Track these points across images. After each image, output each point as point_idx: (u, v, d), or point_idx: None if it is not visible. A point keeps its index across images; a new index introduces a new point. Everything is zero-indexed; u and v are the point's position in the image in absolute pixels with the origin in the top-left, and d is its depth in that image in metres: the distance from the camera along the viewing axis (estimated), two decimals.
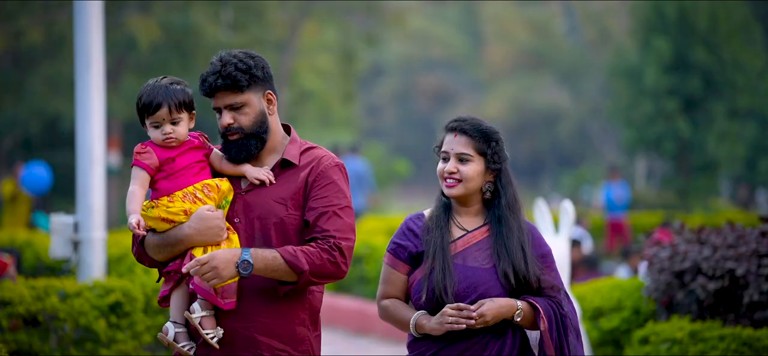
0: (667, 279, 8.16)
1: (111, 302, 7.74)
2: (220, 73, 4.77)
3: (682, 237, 8.46)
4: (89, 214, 8.40)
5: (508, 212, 4.98)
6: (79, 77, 8.44)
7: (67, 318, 7.53)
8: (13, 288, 7.58)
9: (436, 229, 4.97)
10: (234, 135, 4.79)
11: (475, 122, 5.01)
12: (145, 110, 4.77)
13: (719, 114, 30.05)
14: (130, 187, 4.73)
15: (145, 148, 4.76)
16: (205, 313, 4.69)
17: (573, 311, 5.01)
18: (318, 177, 4.84)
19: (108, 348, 7.63)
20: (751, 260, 7.72)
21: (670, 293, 8.17)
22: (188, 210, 4.70)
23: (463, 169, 4.95)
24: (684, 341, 7.54)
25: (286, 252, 4.69)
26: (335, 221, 4.78)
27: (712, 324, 7.58)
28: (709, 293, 7.82)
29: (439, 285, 4.85)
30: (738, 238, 8.05)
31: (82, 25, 8.43)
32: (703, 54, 29.80)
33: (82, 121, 8.43)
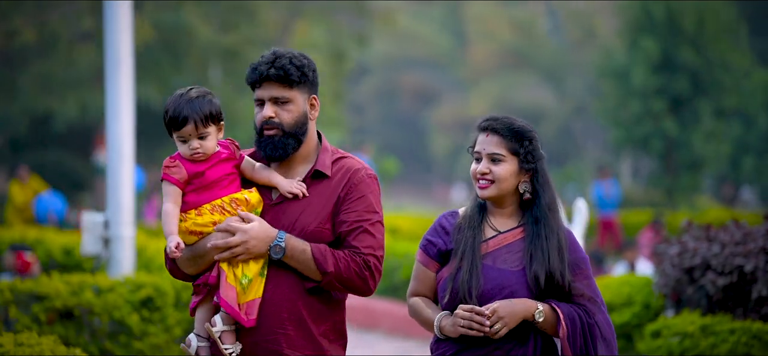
0: (677, 275, 8.45)
1: (143, 297, 8.00)
2: (273, 63, 4.70)
3: (690, 235, 8.76)
4: (119, 211, 8.66)
5: (548, 212, 4.83)
6: (109, 77, 8.66)
7: (102, 313, 7.77)
8: (48, 283, 7.82)
9: (467, 228, 4.86)
10: (272, 130, 4.72)
11: (508, 120, 4.88)
12: (171, 125, 4.66)
13: (706, 114, 30.46)
14: (164, 205, 4.66)
15: (173, 162, 4.66)
16: (226, 328, 4.62)
17: (607, 322, 4.84)
18: (350, 190, 4.76)
19: (141, 341, 7.88)
20: (759, 257, 8.01)
21: (680, 288, 8.47)
22: (217, 222, 4.64)
23: (495, 169, 4.83)
24: (695, 334, 7.80)
25: (317, 249, 4.65)
26: (366, 238, 4.72)
27: (723, 318, 7.85)
28: (718, 288, 8.11)
29: (464, 286, 4.75)
30: (745, 235, 8.35)
31: (112, 26, 8.65)
32: (690, 54, 30.19)
33: (112, 120, 8.66)
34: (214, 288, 4.65)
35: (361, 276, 4.69)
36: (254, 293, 4.62)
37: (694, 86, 30.52)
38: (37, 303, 7.67)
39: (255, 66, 4.75)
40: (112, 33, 8.69)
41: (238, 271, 4.61)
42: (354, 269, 4.67)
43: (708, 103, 30.63)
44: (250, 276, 4.62)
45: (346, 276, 4.67)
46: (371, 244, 4.72)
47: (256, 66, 4.74)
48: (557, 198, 4.94)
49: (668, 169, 30.98)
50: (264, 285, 4.66)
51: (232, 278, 4.60)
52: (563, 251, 4.81)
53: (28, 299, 7.67)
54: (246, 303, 4.60)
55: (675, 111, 30.48)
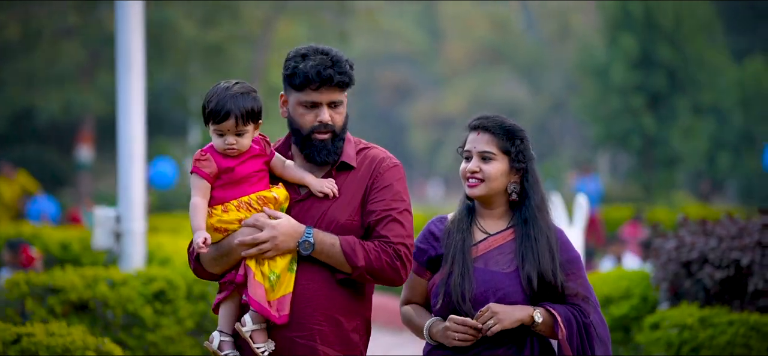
0: (675, 268, 8.68)
1: (155, 290, 8.16)
2: (334, 67, 4.62)
3: (686, 229, 9.00)
4: (130, 207, 8.83)
5: (538, 212, 4.79)
6: (121, 78, 8.82)
7: (116, 305, 7.93)
8: (63, 276, 7.98)
9: (457, 232, 4.82)
10: (325, 134, 4.66)
11: (499, 119, 4.84)
12: (210, 117, 4.58)
13: (683, 110, 30.83)
14: (193, 198, 4.58)
15: (204, 155, 4.60)
16: (256, 326, 4.55)
17: (601, 321, 4.80)
18: (377, 179, 4.72)
19: (154, 333, 8.05)
20: (755, 251, 8.24)
21: (678, 282, 8.70)
22: (243, 219, 4.58)
23: (485, 168, 4.78)
24: (694, 326, 8.02)
25: (346, 243, 4.59)
26: (394, 227, 4.66)
27: (720, 311, 8.07)
28: (715, 281, 8.34)
29: (457, 290, 4.70)
30: (741, 230, 8.59)
31: (124, 28, 8.80)
32: (668, 51, 30.55)
33: (123, 120, 8.82)
34: (240, 286, 4.59)
35: (393, 266, 4.63)
36: (284, 289, 4.56)
37: (671, 83, 30.88)
38: (53, 295, 7.82)
39: (316, 69, 4.60)
40: (124, 36, 8.83)
41: (266, 268, 4.54)
42: (385, 259, 4.61)
43: (685, 99, 30.99)
44: (278, 272, 4.55)
45: (377, 267, 4.61)
46: (401, 233, 4.66)
47: (319, 69, 4.60)
48: (547, 198, 4.89)
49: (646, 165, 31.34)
50: (295, 280, 4.60)
51: (260, 275, 4.54)
52: (554, 251, 4.75)
53: (43, 292, 7.82)
54: (276, 300, 4.53)
55: (653, 107, 30.84)
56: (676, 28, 30.88)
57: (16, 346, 5.98)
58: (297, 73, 4.63)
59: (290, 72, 4.66)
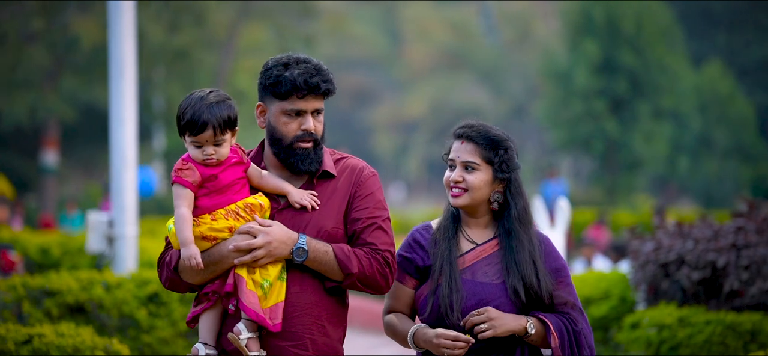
0: (653, 270, 8.97)
1: (149, 292, 8.32)
2: (320, 75, 4.61)
3: (663, 232, 9.30)
4: (123, 212, 9.00)
5: (519, 224, 4.75)
6: (113, 85, 8.97)
7: (112, 307, 8.08)
8: (59, 279, 8.12)
9: (443, 241, 4.76)
10: (308, 143, 4.61)
11: (483, 128, 4.79)
12: (187, 128, 4.48)
13: (644, 114, 31.30)
14: (178, 209, 4.46)
15: (186, 164, 4.49)
16: (251, 335, 4.47)
17: (588, 328, 4.79)
18: (359, 188, 4.68)
19: (149, 335, 8.21)
20: (730, 252, 8.54)
21: (656, 283, 8.99)
22: (232, 228, 4.49)
23: (468, 178, 4.74)
24: (672, 326, 8.29)
25: (340, 250, 4.56)
26: (380, 235, 4.64)
27: (698, 310, 8.36)
28: (692, 282, 8.64)
29: (445, 301, 4.66)
30: (716, 232, 8.89)
31: (116, 36, 8.95)
32: (629, 57, 30.99)
33: (116, 126, 8.98)
34: (226, 296, 4.50)
35: (383, 273, 4.60)
36: (276, 297, 4.49)
37: (633, 88, 31.32)
38: (49, 298, 7.95)
39: (303, 77, 4.57)
40: (116, 44, 8.98)
41: (257, 276, 4.48)
42: (376, 267, 4.59)
43: (646, 104, 31.45)
44: (271, 280, 4.48)
45: (368, 274, 4.58)
46: (386, 240, 4.64)
47: (305, 78, 4.57)
48: (530, 209, 4.83)
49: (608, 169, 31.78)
50: (286, 288, 4.54)
51: (252, 284, 4.46)
52: (537, 263, 4.71)
53: (40, 294, 7.94)
54: (269, 308, 4.46)
55: (615, 112, 31.27)
56: (638, 33, 31.34)
57: (27, 346, 6.15)
58: (282, 81, 4.56)
59: (273, 81, 4.59)
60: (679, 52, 33.60)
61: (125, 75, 8.97)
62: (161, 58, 30.55)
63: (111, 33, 9.05)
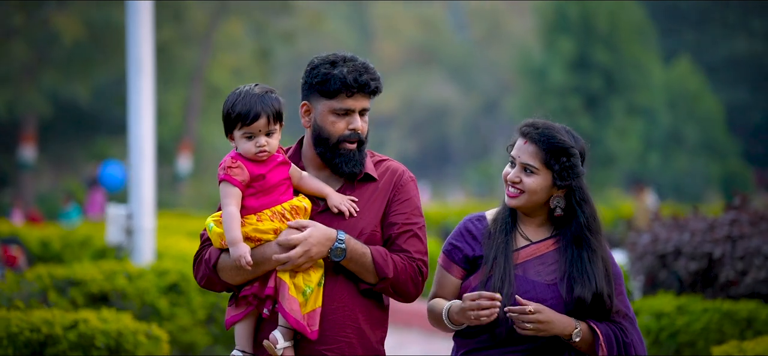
0: (651, 261, 9.33)
1: (169, 282, 8.62)
2: (370, 74, 4.54)
3: (658, 224, 9.67)
4: (141, 205, 9.27)
5: (589, 233, 4.57)
6: (131, 82, 9.23)
7: (135, 297, 8.36)
8: (83, 269, 8.40)
9: (500, 234, 4.63)
10: (353, 143, 4.53)
11: (548, 132, 4.63)
12: (238, 120, 4.39)
13: (618, 111, 31.77)
14: (227, 208, 4.36)
15: (236, 162, 4.39)
16: (287, 343, 4.38)
17: (639, 339, 4.64)
18: (398, 192, 4.60)
19: (170, 322, 8.50)
20: (725, 244, 8.91)
21: (653, 273, 9.35)
22: (278, 230, 4.39)
23: (526, 180, 4.58)
24: (671, 313, 8.62)
25: (377, 253, 4.47)
26: (416, 242, 4.55)
27: (695, 299, 8.70)
28: (689, 272, 9.00)
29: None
30: (711, 224, 9.26)
31: (135, 34, 9.21)
32: (603, 54, 31.44)
33: (134, 121, 9.24)
34: (266, 299, 4.42)
35: (415, 281, 4.52)
36: (314, 302, 4.40)
37: (607, 85, 31.77)
38: (74, 287, 8.22)
39: (353, 75, 4.50)
40: (135, 41, 9.24)
41: (300, 282, 4.39)
42: (410, 273, 4.51)
43: (620, 101, 31.92)
44: (312, 286, 4.40)
45: (402, 280, 4.49)
46: (420, 249, 4.55)
47: (355, 76, 4.50)
48: (598, 216, 4.67)
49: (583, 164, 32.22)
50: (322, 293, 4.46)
51: (294, 289, 4.38)
52: (609, 274, 4.57)
53: (65, 284, 8.22)
54: (307, 314, 4.38)
55: (589, 108, 31.72)
56: (612, 31, 31.79)
57: (73, 331, 6.42)
58: (330, 79, 4.47)
59: (321, 79, 4.49)
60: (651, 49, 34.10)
61: (143, 72, 9.22)
62: None
63: (129, 32, 9.28)
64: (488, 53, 52.39)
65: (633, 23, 32.53)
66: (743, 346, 6.47)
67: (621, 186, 38.40)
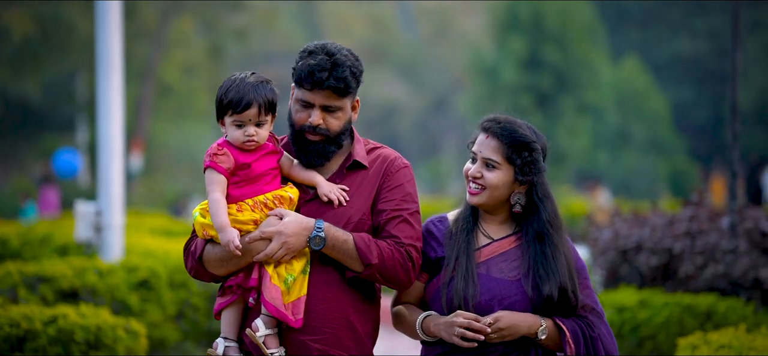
0: (613, 256, 9.52)
1: (140, 279, 8.67)
2: (333, 73, 4.41)
3: (619, 219, 9.88)
4: (110, 202, 9.32)
5: (551, 228, 4.51)
6: (101, 80, 9.29)
7: (105, 293, 8.41)
8: (52, 266, 8.43)
9: (461, 233, 4.56)
10: (316, 136, 4.45)
11: (510, 126, 4.57)
12: (229, 107, 4.37)
13: (568, 109, 32.11)
14: (212, 194, 4.35)
15: (222, 149, 4.38)
16: (269, 331, 4.35)
17: (608, 332, 4.59)
18: (387, 179, 4.53)
19: (140, 318, 8.56)
20: (685, 239, 9.13)
21: (615, 267, 9.54)
22: (258, 220, 4.37)
23: (488, 175, 4.51)
24: (633, 307, 8.80)
25: (360, 239, 4.40)
26: (405, 228, 4.47)
27: (656, 293, 8.90)
28: (650, 267, 9.20)
29: (460, 295, 4.44)
30: (671, 220, 9.47)
31: (104, 33, 9.27)
32: (554, 53, 31.76)
33: (103, 120, 9.30)
34: (247, 289, 4.40)
35: (405, 267, 4.44)
36: (298, 291, 4.36)
37: (558, 83, 32.10)
38: (45, 284, 8.24)
39: (310, 69, 4.40)
40: (104, 41, 9.30)
41: (282, 270, 4.36)
42: (398, 259, 4.42)
43: (570, 99, 32.26)
44: (295, 275, 4.37)
45: (389, 266, 4.41)
46: (411, 234, 4.47)
47: (312, 70, 4.40)
48: (559, 211, 4.63)
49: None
50: (308, 282, 4.41)
51: (277, 278, 4.35)
52: (572, 269, 4.52)
53: (35, 281, 8.23)
54: (291, 303, 4.34)
55: (540, 107, 32.02)
56: (563, 30, 32.12)
57: (52, 326, 6.47)
58: (298, 68, 4.44)
59: (295, 65, 4.47)
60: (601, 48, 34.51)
61: (112, 70, 9.28)
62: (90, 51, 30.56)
63: (99, 30, 9.34)
64: (438, 52, 52.64)
65: (583, 23, 32.92)
66: (708, 338, 6.63)
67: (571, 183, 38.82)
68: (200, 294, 9.17)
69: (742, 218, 8.92)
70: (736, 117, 9.01)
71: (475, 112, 33.73)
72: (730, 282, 8.61)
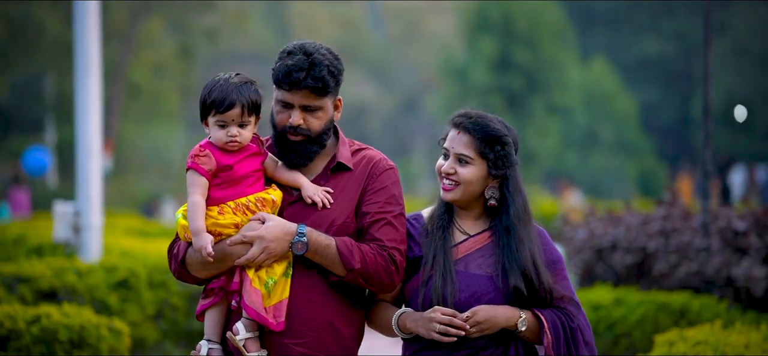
0: (588, 254, 9.64)
1: (119, 279, 8.70)
2: (310, 72, 4.36)
3: (593, 219, 10.00)
4: (88, 202, 9.35)
5: (517, 222, 4.49)
6: (79, 81, 9.33)
7: (85, 293, 8.43)
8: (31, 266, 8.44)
9: (437, 231, 4.53)
10: (297, 136, 4.41)
11: (482, 121, 4.55)
12: (212, 107, 4.34)
13: (538, 110, 32.30)
14: (192, 197, 4.32)
15: (204, 151, 4.34)
16: (249, 335, 4.33)
17: (585, 323, 4.56)
18: (372, 181, 4.50)
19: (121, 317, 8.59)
20: (658, 238, 9.25)
21: (590, 266, 9.66)
22: (239, 224, 4.33)
23: (461, 171, 4.51)
24: (608, 305, 8.90)
25: (342, 243, 4.37)
26: (389, 231, 4.45)
27: (631, 291, 9.01)
28: (625, 266, 9.32)
29: (438, 293, 4.42)
30: (644, 220, 9.60)
31: (82, 34, 9.29)
32: (524, 54, 31.94)
33: (82, 120, 9.33)
34: (230, 292, 4.38)
35: (388, 270, 4.41)
36: (280, 294, 4.33)
37: (528, 84, 32.28)
38: (24, 284, 8.26)
39: (288, 70, 4.37)
40: (82, 42, 9.34)
41: (263, 274, 4.33)
42: (381, 263, 4.40)
43: (540, 100, 32.45)
44: (275, 278, 4.34)
45: (372, 271, 4.38)
46: (395, 237, 4.45)
47: (289, 71, 4.36)
48: (529, 206, 4.60)
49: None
50: (291, 284, 4.38)
51: (257, 281, 4.32)
52: (537, 261, 4.48)
53: (13, 281, 8.24)
54: (272, 306, 4.31)
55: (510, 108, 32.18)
56: (532, 32, 32.31)
57: (36, 325, 6.50)
58: (276, 69, 4.42)
59: (274, 66, 4.44)
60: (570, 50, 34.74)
61: (91, 71, 9.31)
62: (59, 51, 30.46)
63: (77, 31, 9.36)
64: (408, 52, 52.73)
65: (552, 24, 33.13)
66: (684, 334, 6.73)
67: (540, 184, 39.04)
68: (179, 294, 9.20)
69: (715, 217, 9.05)
70: (709, 118, 9.14)
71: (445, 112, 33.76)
72: (703, 280, 8.73)
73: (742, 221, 8.76)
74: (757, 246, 8.50)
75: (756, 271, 8.29)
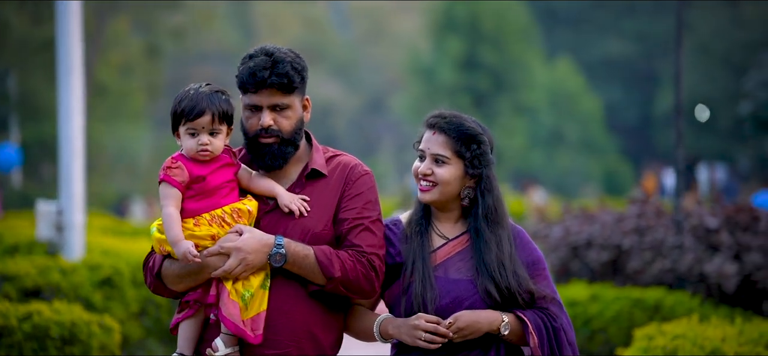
0: (563, 252, 9.80)
1: (103, 277, 8.77)
2: (273, 70, 4.34)
3: (568, 217, 10.17)
4: (71, 201, 9.42)
5: (485, 224, 4.44)
6: (62, 82, 9.41)
7: (69, 291, 8.50)
8: (16, 264, 8.50)
9: (415, 237, 4.49)
10: (269, 138, 4.38)
11: (457, 120, 4.50)
12: (182, 116, 4.30)
13: (505, 109, 32.52)
14: (166, 209, 4.26)
15: (176, 162, 4.29)
16: (229, 350, 4.29)
17: (568, 323, 4.52)
18: (348, 187, 4.46)
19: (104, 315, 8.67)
20: (633, 236, 9.43)
21: (566, 263, 9.82)
22: (216, 235, 4.28)
23: (438, 171, 4.45)
24: (584, 301, 9.07)
25: (321, 253, 4.33)
26: (367, 236, 4.41)
27: (606, 287, 9.18)
28: (600, 263, 9.49)
29: (419, 300, 4.38)
30: (619, 218, 9.78)
31: (64, 35, 9.39)
32: (491, 54, 32.16)
33: (64, 120, 9.41)
34: (206, 305, 4.34)
35: (368, 277, 4.38)
36: (258, 306, 4.29)
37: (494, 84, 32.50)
38: (8, 282, 8.31)
39: (252, 70, 4.35)
40: (64, 43, 9.44)
41: (240, 286, 4.28)
42: (361, 270, 4.37)
43: (506, 100, 32.69)
44: (253, 291, 4.29)
45: (352, 278, 4.35)
46: (373, 243, 4.42)
47: (254, 71, 4.35)
48: (501, 206, 4.52)
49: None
50: (268, 297, 4.33)
51: (235, 294, 4.28)
52: (506, 263, 4.43)
53: None
54: (250, 318, 4.27)
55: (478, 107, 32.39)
56: (499, 32, 32.53)
57: (27, 322, 6.58)
58: (240, 74, 4.38)
59: (237, 73, 4.41)
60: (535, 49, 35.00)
61: (73, 72, 9.39)
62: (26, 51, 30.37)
63: (59, 32, 9.45)
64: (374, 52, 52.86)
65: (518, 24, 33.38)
66: (663, 328, 6.89)
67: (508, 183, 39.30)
68: None
69: (687, 214, 9.23)
70: (681, 116, 9.33)
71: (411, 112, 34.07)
72: (676, 276, 8.90)
73: (714, 218, 8.95)
74: (729, 243, 8.69)
75: (727, 268, 8.47)
